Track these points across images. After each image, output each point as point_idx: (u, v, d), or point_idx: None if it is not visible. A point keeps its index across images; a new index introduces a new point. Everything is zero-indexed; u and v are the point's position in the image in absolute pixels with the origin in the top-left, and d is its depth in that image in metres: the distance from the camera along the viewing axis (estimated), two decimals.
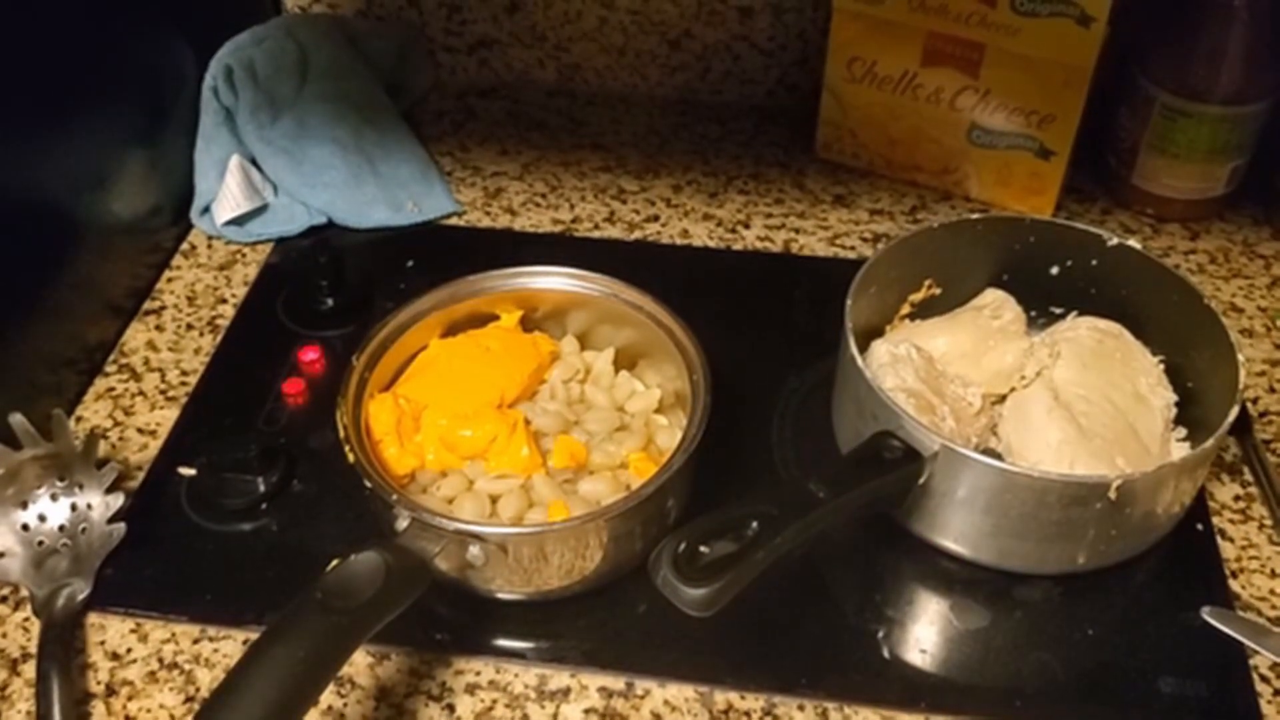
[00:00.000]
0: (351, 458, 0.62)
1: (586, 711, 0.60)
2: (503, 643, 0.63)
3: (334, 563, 0.55)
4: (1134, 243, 0.73)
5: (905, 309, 0.76)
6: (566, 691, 0.61)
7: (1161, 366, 0.71)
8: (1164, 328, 0.71)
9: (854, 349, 0.65)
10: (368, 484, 0.61)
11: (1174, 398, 0.69)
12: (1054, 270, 0.75)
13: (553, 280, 0.72)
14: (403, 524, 0.59)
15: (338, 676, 0.61)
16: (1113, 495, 0.59)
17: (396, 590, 0.55)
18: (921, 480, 0.61)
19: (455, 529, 0.58)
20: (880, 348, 0.70)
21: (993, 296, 0.75)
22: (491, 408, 0.68)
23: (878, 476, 0.60)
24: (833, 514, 0.58)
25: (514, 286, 0.73)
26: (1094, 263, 0.74)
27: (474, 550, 0.59)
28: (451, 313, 0.72)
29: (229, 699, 0.49)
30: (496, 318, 0.73)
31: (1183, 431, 0.69)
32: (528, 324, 0.74)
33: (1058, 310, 0.76)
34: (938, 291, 0.76)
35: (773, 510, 0.55)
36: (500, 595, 0.63)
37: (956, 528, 0.64)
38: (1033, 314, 0.75)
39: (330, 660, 0.52)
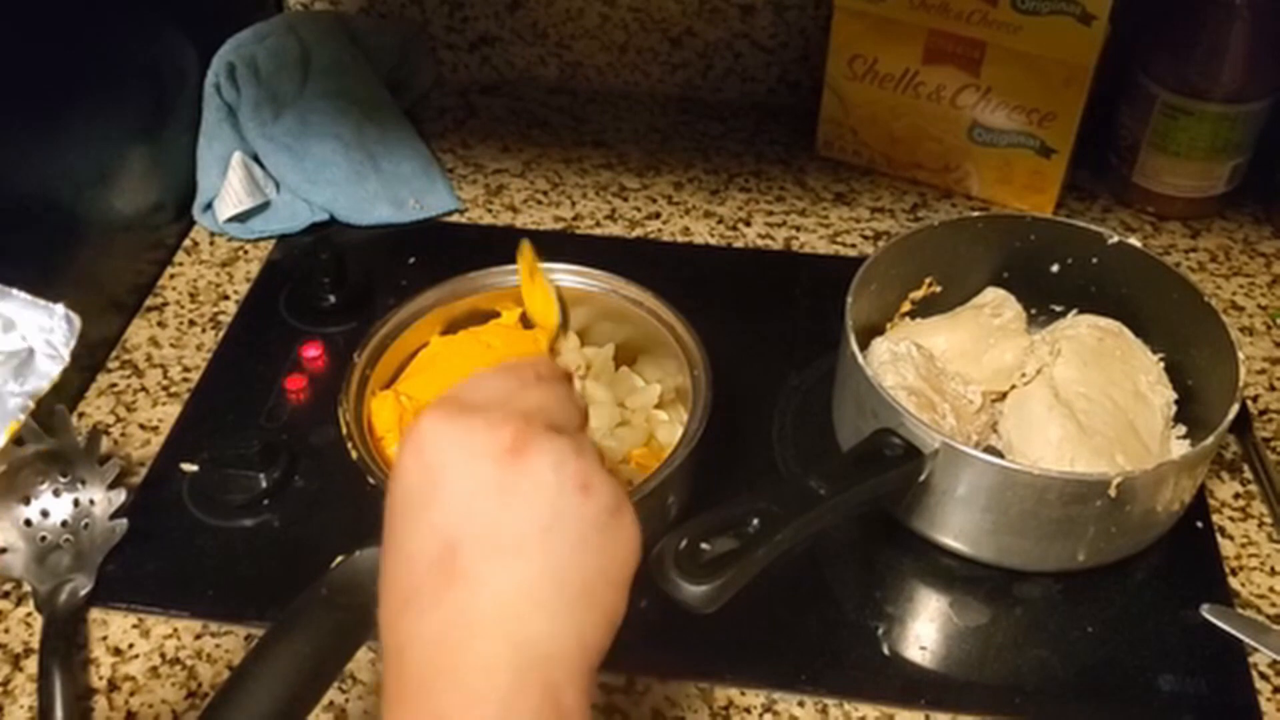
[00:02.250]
0: (355, 454, 0.62)
1: None
2: None
3: (339, 559, 0.55)
4: (1134, 241, 0.73)
5: (905, 307, 0.76)
6: None
7: (1161, 364, 0.71)
8: (1164, 325, 0.71)
9: (854, 347, 0.65)
10: (371, 480, 0.61)
11: (1174, 396, 0.69)
12: (1054, 268, 0.75)
13: (553, 276, 0.72)
14: None
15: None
16: (1113, 493, 0.59)
17: None
18: (922, 478, 0.62)
19: None
20: (881, 345, 0.70)
21: (993, 295, 0.75)
22: None
23: (878, 474, 0.60)
24: (833, 511, 0.58)
25: (515, 284, 0.73)
26: (1094, 260, 0.74)
27: None
28: (452, 309, 0.72)
29: (236, 695, 0.49)
30: (497, 315, 0.73)
31: (1182, 429, 0.69)
32: (529, 321, 0.74)
33: (1058, 308, 0.76)
34: (938, 289, 0.76)
35: (774, 507, 0.55)
36: None
37: (957, 525, 0.64)
38: (1033, 312, 0.76)
39: (336, 656, 0.52)
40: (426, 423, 0.39)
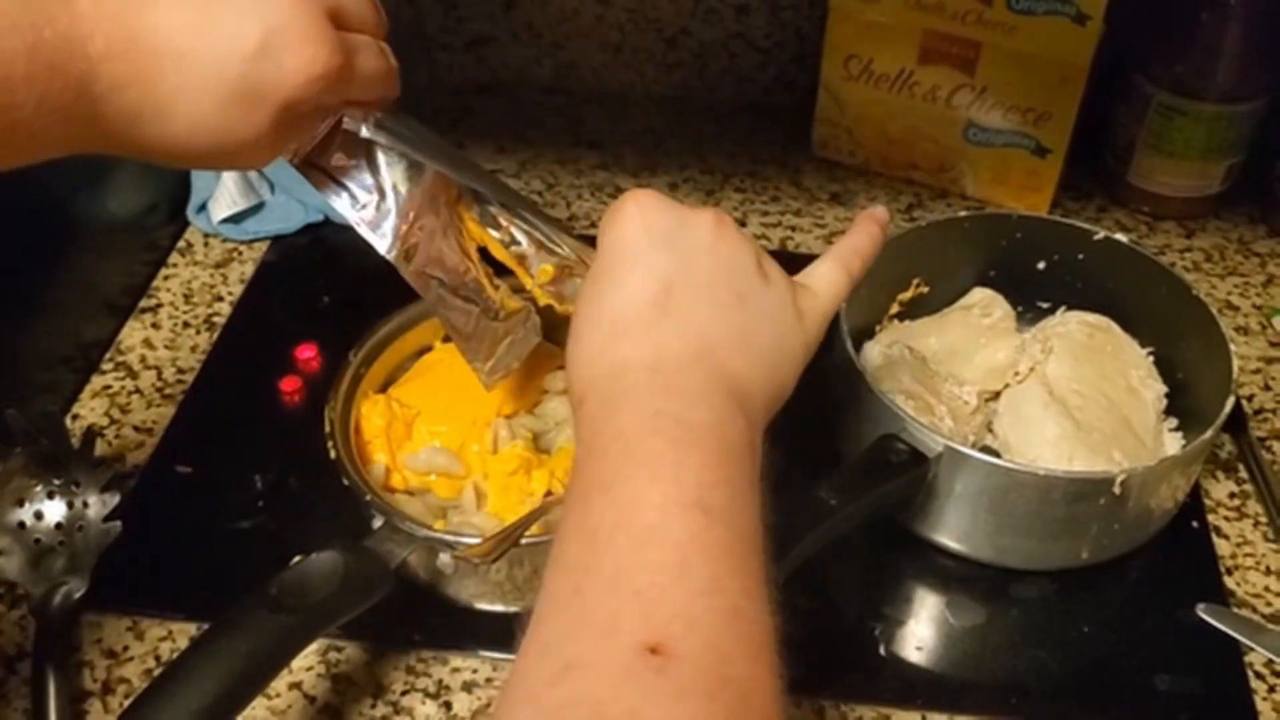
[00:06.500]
0: (333, 454, 0.62)
1: None
2: (501, 641, 0.63)
3: (296, 559, 0.55)
4: (1119, 236, 0.73)
5: (894, 309, 0.76)
6: None
7: (1151, 358, 0.71)
8: (1152, 319, 0.72)
9: (851, 352, 0.65)
10: (345, 481, 0.61)
11: (1164, 389, 0.70)
12: (1040, 265, 0.75)
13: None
14: (377, 524, 0.59)
15: (334, 674, 0.61)
16: (1117, 490, 0.59)
17: (352, 593, 0.55)
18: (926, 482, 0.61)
19: (424, 536, 0.58)
20: (874, 350, 0.70)
21: (980, 295, 0.75)
22: (484, 426, 0.67)
23: (887, 481, 0.60)
24: (845, 521, 0.58)
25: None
26: (1080, 257, 0.74)
27: (443, 558, 0.58)
28: None
29: (167, 688, 0.49)
30: None
31: (1174, 422, 0.69)
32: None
33: (1044, 305, 0.76)
34: (925, 290, 0.76)
35: (786, 521, 0.55)
36: (491, 607, 0.63)
37: (958, 526, 0.64)
38: (1019, 309, 0.76)
39: (274, 657, 0.52)
40: (641, 196, 0.45)
